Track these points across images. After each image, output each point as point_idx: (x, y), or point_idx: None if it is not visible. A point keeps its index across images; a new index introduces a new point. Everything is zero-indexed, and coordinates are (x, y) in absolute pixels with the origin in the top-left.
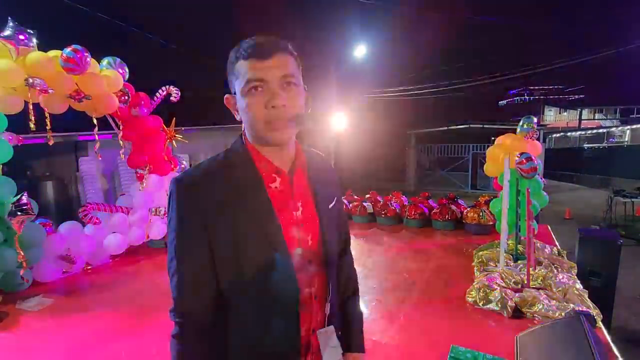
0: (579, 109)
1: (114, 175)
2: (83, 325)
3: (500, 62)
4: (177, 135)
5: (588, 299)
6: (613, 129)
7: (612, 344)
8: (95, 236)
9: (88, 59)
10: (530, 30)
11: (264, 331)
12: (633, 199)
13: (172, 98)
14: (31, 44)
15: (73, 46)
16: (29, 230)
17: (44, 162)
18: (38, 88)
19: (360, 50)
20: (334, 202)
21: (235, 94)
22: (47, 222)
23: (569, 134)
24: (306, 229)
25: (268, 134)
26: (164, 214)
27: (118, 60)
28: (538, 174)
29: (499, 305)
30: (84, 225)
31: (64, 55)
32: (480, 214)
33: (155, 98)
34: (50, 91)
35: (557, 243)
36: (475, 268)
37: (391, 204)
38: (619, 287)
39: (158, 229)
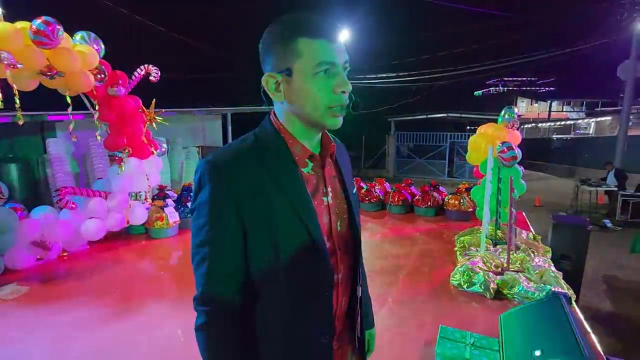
0: (549, 101)
1: (86, 158)
2: (64, 313)
3: (478, 52)
4: (157, 117)
5: (562, 281)
6: (579, 121)
7: (584, 321)
8: (71, 222)
9: (60, 33)
10: (507, 22)
11: (298, 316)
12: (597, 188)
13: (151, 78)
14: None
15: (44, 18)
16: None
17: (7, 142)
18: (5, 62)
19: (343, 35)
20: (355, 188)
21: (287, 71)
22: (18, 207)
23: (539, 125)
24: (336, 215)
25: (327, 118)
26: (145, 199)
27: (93, 35)
28: (517, 163)
29: (482, 288)
30: (59, 210)
31: (34, 27)
32: (461, 201)
33: (133, 77)
34: (19, 66)
35: (531, 228)
36: (458, 253)
37: (375, 190)
38: (584, 270)
39: (139, 214)
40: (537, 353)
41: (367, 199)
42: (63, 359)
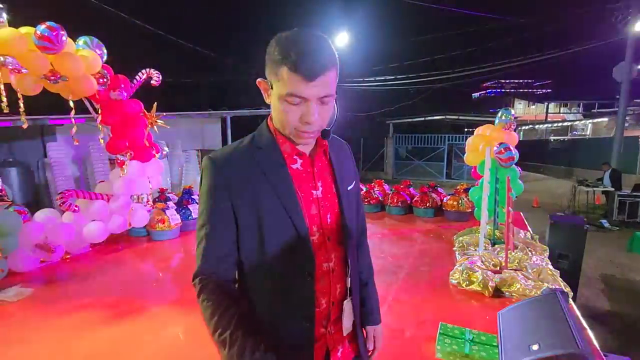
0: (546, 103)
1: (86, 162)
2: (68, 315)
3: (476, 55)
4: (158, 121)
5: (560, 278)
6: (576, 122)
7: (581, 318)
8: (74, 224)
9: (64, 38)
10: (504, 25)
11: (281, 299)
12: (594, 188)
13: (152, 82)
14: (1, 19)
15: (47, 23)
16: (3, 217)
17: (6, 146)
18: (10, 67)
19: (342, 38)
20: (352, 185)
21: (270, 84)
22: (22, 210)
23: (536, 126)
24: (325, 208)
25: (294, 138)
26: (147, 202)
27: (95, 40)
28: (515, 164)
29: (481, 286)
30: (62, 213)
31: (38, 32)
32: (459, 202)
33: (135, 81)
34: (23, 71)
35: (529, 228)
36: (457, 252)
37: (374, 192)
38: (581, 269)
39: (141, 216)
40: (535, 347)
41: (366, 200)
42: None
